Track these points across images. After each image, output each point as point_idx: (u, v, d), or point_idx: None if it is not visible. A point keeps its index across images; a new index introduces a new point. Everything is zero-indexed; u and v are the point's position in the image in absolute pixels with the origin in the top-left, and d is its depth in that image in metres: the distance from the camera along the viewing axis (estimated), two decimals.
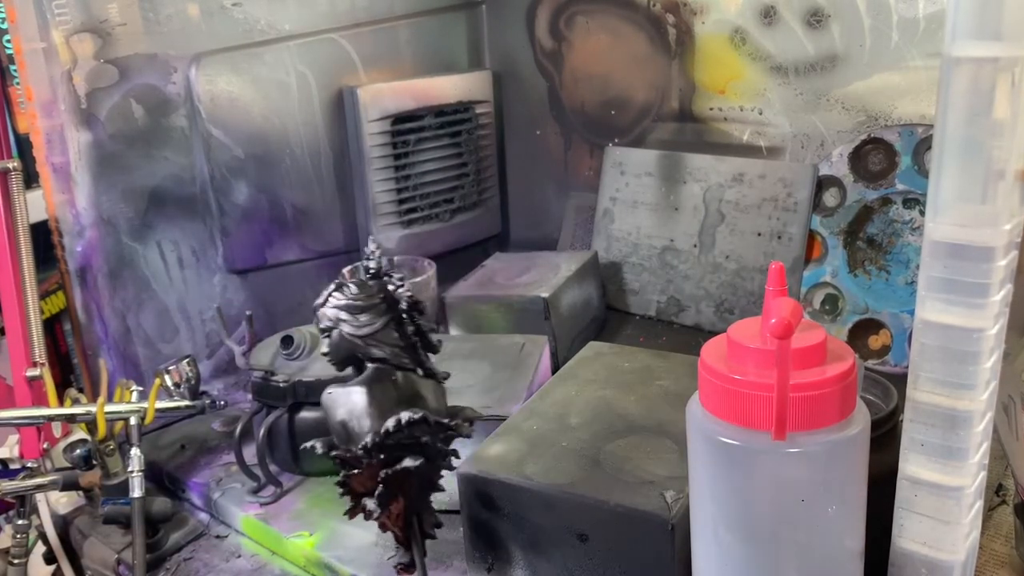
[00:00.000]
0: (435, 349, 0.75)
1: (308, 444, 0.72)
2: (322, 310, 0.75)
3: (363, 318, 0.72)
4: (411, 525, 0.76)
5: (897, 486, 0.65)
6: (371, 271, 0.75)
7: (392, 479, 0.70)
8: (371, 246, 0.76)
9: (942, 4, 1.15)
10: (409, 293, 0.73)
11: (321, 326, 0.75)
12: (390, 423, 0.68)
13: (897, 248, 1.22)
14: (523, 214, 1.72)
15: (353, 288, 0.74)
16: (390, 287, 0.73)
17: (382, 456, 0.70)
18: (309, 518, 1.04)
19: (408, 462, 0.69)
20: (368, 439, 0.69)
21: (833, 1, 1.24)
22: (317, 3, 1.40)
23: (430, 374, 0.75)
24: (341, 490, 0.73)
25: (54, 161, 1.17)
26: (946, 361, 0.58)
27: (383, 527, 0.76)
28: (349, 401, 0.72)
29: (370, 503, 0.71)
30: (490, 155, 1.63)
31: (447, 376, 0.77)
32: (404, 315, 0.73)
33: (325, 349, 0.76)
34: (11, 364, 1.13)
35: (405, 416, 0.68)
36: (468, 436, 0.76)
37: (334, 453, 0.71)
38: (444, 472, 0.76)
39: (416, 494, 0.73)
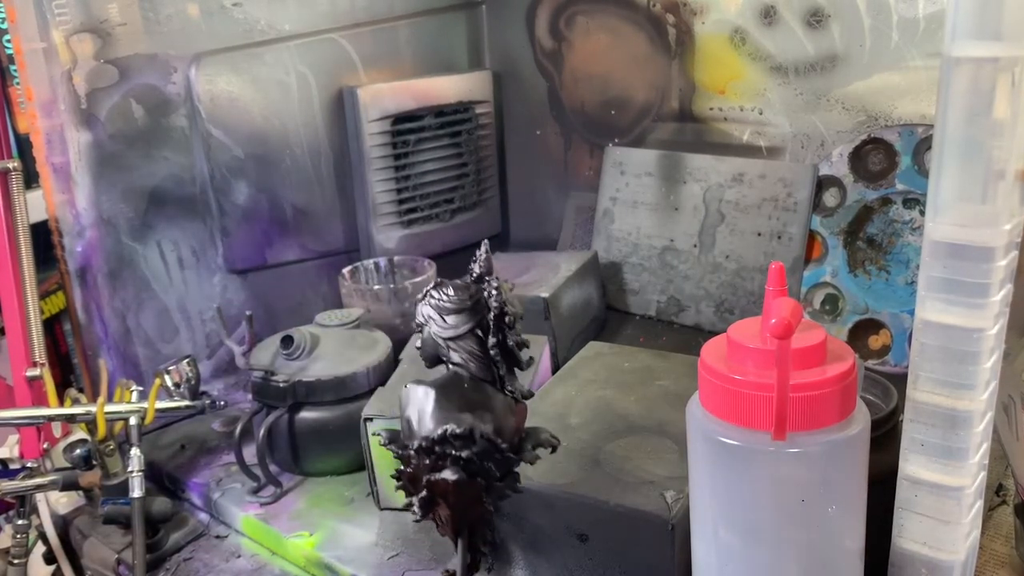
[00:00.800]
0: (520, 365, 0.73)
1: (375, 431, 0.77)
2: (418, 306, 0.74)
3: (449, 320, 0.72)
4: (461, 535, 0.74)
5: (897, 486, 0.65)
6: (474, 274, 0.74)
7: (433, 486, 0.69)
8: (481, 249, 0.74)
9: (942, 4, 1.15)
10: (501, 301, 0.72)
11: (415, 322, 0.74)
12: (437, 430, 0.67)
13: (897, 248, 1.22)
14: (523, 214, 1.72)
15: (449, 289, 0.73)
16: (484, 293, 0.72)
17: (426, 461, 0.69)
18: (309, 518, 1.04)
19: (447, 474, 0.68)
20: (417, 441, 0.69)
21: (833, 1, 1.24)
22: (317, 3, 1.40)
23: (505, 389, 0.73)
24: (397, 483, 0.73)
25: (54, 161, 1.17)
26: (946, 361, 0.58)
27: (440, 532, 0.76)
28: (418, 399, 0.71)
29: (415, 504, 0.71)
30: (490, 155, 1.63)
31: (529, 395, 0.75)
32: (491, 324, 0.72)
33: (417, 344, 0.75)
34: (11, 364, 1.13)
35: (450, 427, 0.67)
36: (531, 463, 0.74)
37: (389, 445, 0.72)
38: (507, 492, 0.74)
39: (462, 507, 0.71)
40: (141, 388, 1.09)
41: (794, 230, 1.30)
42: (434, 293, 0.73)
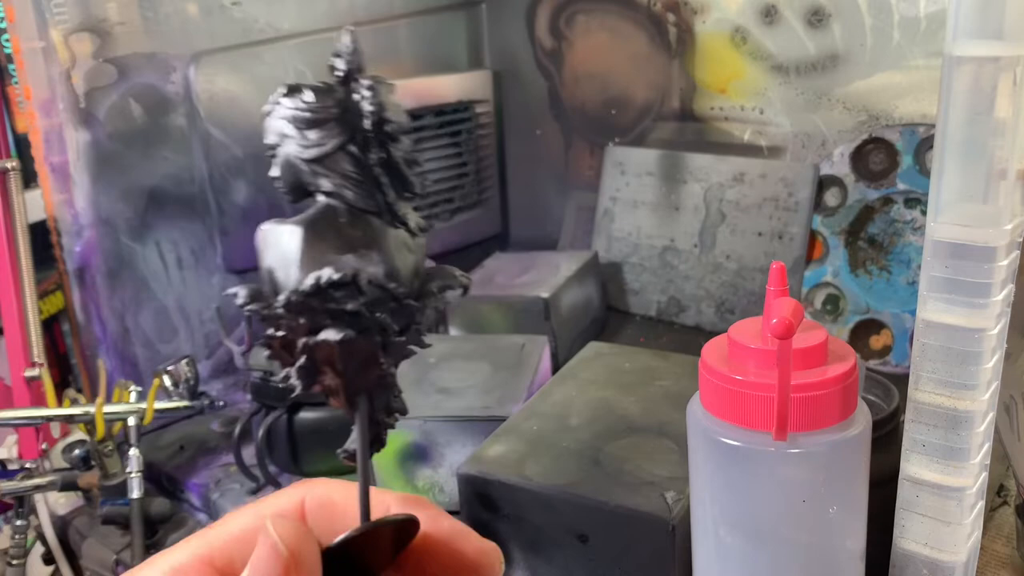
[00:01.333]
0: (411, 187, 0.57)
1: (230, 291, 0.53)
2: (267, 121, 0.54)
3: (311, 135, 0.53)
4: (357, 407, 0.57)
5: (898, 487, 0.64)
6: (340, 73, 0.54)
7: (313, 350, 0.53)
8: (346, 39, 0.54)
9: (943, 3, 1.14)
10: (377, 104, 0.53)
11: (267, 141, 0.54)
12: (308, 280, 0.51)
13: (898, 248, 1.22)
14: (523, 214, 1.71)
15: (308, 94, 0.53)
16: (355, 96, 0.54)
17: (301, 320, 0.53)
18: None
19: (330, 334, 0.52)
20: (284, 296, 0.52)
21: (834, 0, 1.23)
22: (316, 2, 1.40)
23: (396, 220, 0.56)
24: (267, 352, 0.55)
25: (52, 161, 1.17)
26: (947, 361, 0.58)
27: (331, 404, 0.58)
28: (279, 242, 0.53)
29: (292, 376, 0.54)
30: (490, 155, 1.63)
31: (425, 228, 0.58)
32: (367, 137, 0.53)
33: (274, 172, 0.55)
34: (10, 364, 1.13)
35: (325, 275, 0.51)
36: (438, 309, 0.58)
37: (250, 306, 0.54)
38: (411, 348, 0.57)
39: (354, 372, 0.55)
40: (140, 388, 1.09)
41: (795, 230, 1.29)
42: (286, 101, 0.53)
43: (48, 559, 1.13)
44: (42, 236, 1.19)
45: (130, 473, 1.03)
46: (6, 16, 1.13)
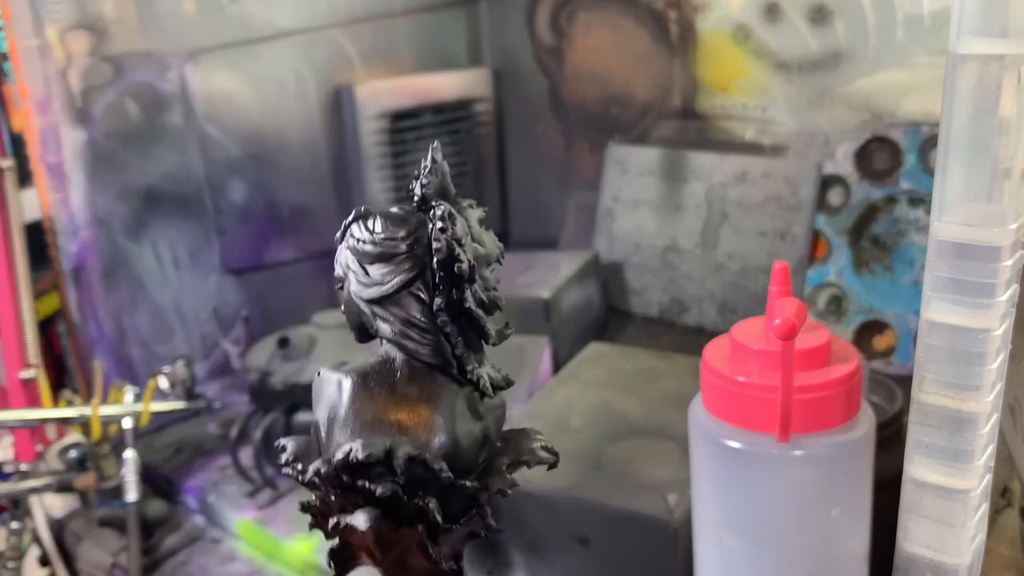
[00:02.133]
0: (486, 338, 0.49)
1: (278, 442, 0.49)
2: (339, 248, 0.50)
3: (374, 272, 0.46)
4: None
5: (902, 489, 0.64)
6: (417, 195, 0.48)
7: (344, 534, 0.47)
8: (428, 157, 0.49)
9: (947, 0, 1.14)
10: (446, 241, 0.46)
11: (336, 273, 0.50)
12: (338, 454, 0.45)
13: (902, 247, 1.21)
14: (523, 213, 1.71)
15: (376, 222, 0.47)
16: (429, 227, 0.47)
17: (332, 496, 0.47)
18: (306, 521, 1.02)
19: (357, 519, 0.45)
20: (315, 465, 0.46)
21: None
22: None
23: (464, 378, 0.48)
24: (310, 522, 0.50)
25: (48, 160, 1.17)
26: (951, 362, 0.58)
27: None
28: (329, 393, 0.47)
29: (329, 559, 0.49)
30: (490, 153, 1.62)
31: (505, 383, 0.51)
32: (436, 275, 0.46)
33: (343, 308, 0.50)
34: (5, 366, 1.13)
35: (354, 450, 0.44)
36: (504, 492, 0.49)
37: (287, 468, 0.49)
38: (472, 534, 0.50)
39: (396, 565, 0.48)
40: (136, 390, 1.09)
41: (798, 229, 1.29)
42: (355, 228, 0.48)
43: (44, 561, 1.13)
44: (38, 236, 1.19)
45: (126, 475, 1.02)
46: (2, 14, 1.12)
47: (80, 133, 1.19)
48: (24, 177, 1.19)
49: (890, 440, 0.76)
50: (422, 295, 0.47)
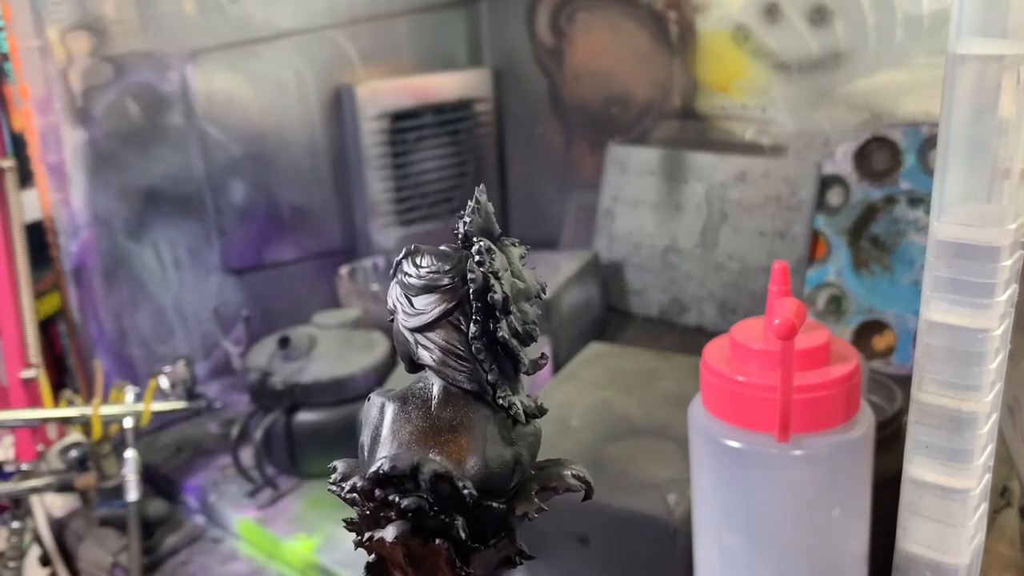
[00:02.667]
0: (522, 366, 0.50)
1: (331, 464, 0.52)
2: (391, 284, 0.53)
3: (418, 303, 0.50)
4: None
5: (901, 488, 0.64)
6: (460, 233, 0.50)
7: (376, 547, 0.49)
8: (481, 196, 0.51)
9: (947, 1, 1.14)
10: (482, 274, 0.48)
11: (387, 306, 0.52)
12: (371, 469, 0.47)
13: (902, 248, 1.21)
14: (523, 213, 1.71)
15: (424, 258, 0.50)
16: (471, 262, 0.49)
17: (367, 511, 0.49)
18: (307, 521, 1.03)
19: (386, 532, 0.47)
20: (351, 481, 0.50)
21: None
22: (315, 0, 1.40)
23: (498, 405, 0.49)
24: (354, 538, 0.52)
25: (49, 160, 1.17)
26: (951, 362, 0.58)
27: None
28: (372, 415, 0.50)
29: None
30: (490, 154, 1.62)
31: (539, 412, 0.51)
32: (473, 305, 0.49)
33: (393, 339, 0.53)
34: (6, 365, 1.13)
35: (384, 465, 0.46)
36: (530, 516, 0.50)
37: (330, 487, 0.51)
38: (507, 558, 0.51)
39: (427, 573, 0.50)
40: (137, 389, 1.09)
41: (798, 229, 1.29)
42: (405, 264, 0.51)
43: (45, 561, 1.13)
44: (38, 236, 1.19)
45: (127, 475, 1.02)
46: (3, 14, 1.12)
47: (81, 133, 1.19)
48: (25, 177, 1.19)
49: (889, 440, 0.76)
50: (460, 324, 0.49)
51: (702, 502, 0.66)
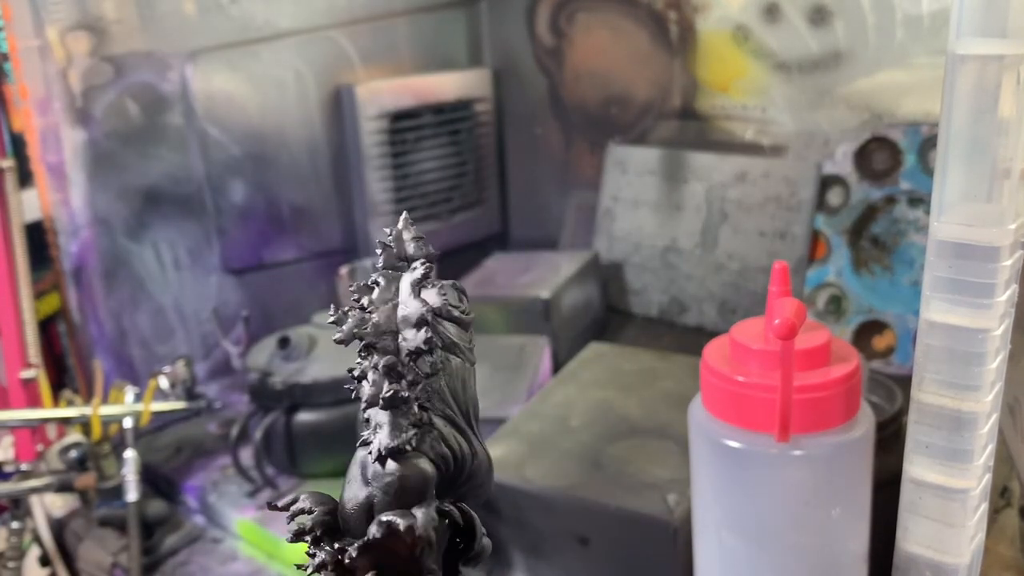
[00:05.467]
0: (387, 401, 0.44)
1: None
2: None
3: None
4: None
5: (901, 488, 0.64)
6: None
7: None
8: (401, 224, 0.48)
9: (947, 1, 1.14)
10: (375, 319, 0.45)
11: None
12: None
13: (902, 248, 1.21)
14: (523, 213, 1.71)
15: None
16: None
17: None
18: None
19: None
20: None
21: None
22: (314, 0, 1.40)
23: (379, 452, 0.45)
24: None
25: (49, 160, 1.17)
26: (951, 362, 0.58)
27: None
28: None
29: None
30: (490, 153, 1.63)
31: (394, 452, 0.44)
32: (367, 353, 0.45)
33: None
34: (6, 365, 1.13)
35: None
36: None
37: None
38: None
39: None
40: (137, 389, 1.09)
41: (798, 229, 1.29)
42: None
43: (44, 561, 1.13)
44: (38, 236, 1.19)
45: (127, 475, 1.02)
46: (2, 14, 1.12)
47: (80, 133, 1.19)
48: (25, 177, 1.19)
49: (889, 440, 0.76)
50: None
51: (702, 502, 0.66)
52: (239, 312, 1.16)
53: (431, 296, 0.46)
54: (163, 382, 1.10)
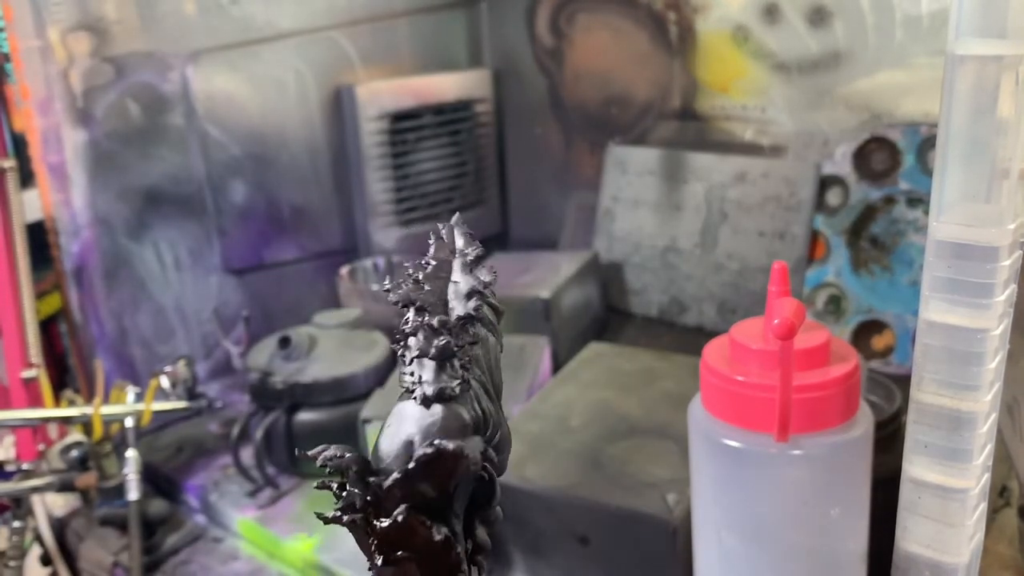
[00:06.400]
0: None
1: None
2: None
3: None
4: None
5: (900, 488, 0.64)
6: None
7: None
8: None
9: (946, 1, 1.14)
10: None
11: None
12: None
13: (901, 248, 1.21)
14: (523, 213, 1.71)
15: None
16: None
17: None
18: (307, 520, 1.03)
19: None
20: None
21: None
22: (315, 0, 1.40)
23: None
24: None
25: (50, 160, 1.17)
26: (950, 362, 0.58)
27: None
28: None
29: None
30: (490, 154, 1.63)
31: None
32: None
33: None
34: (7, 365, 1.13)
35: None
36: None
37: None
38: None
39: None
40: (138, 389, 1.09)
41: (797, 229, 1.29)
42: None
43: (45, 560, 1.13)
44: (39, 236, 1.19)
45: (128, 474, 1.03)
46: (4, 15, 1.12)
47: (81, 133, 1.19)
48: (26, 177, 1.19)
49: (889, 439, 0.76)
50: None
51: (702, 502, 0.66)
52: (240, 312, 1.16)
53: (482, 273, 0.51)
54: (164, 382, 1.10)
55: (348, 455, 0.46)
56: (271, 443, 1.09)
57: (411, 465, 0.45)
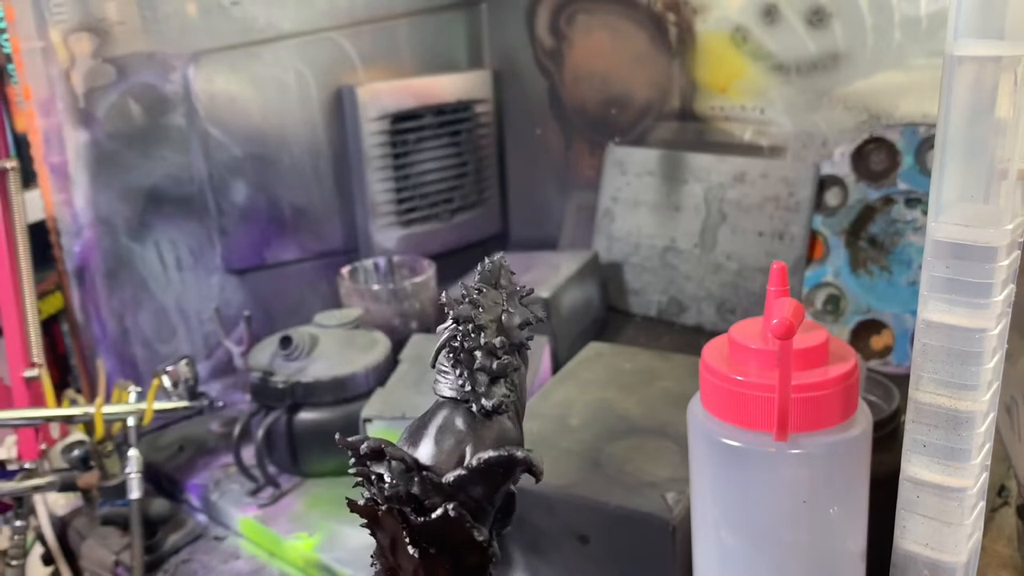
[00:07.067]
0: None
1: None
2: None
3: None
4: None
5: (899, 487, 0.64)
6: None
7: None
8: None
9: (944, 2, 1.14)
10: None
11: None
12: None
13: (899, 248, 1.22)
14: (523, 213, 1.71)
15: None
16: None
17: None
18: (308, 520, 1.03)
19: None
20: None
21: None
22: (316, 1, 1.40)
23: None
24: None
25: (52, 160, 1.17)
26: (948, 362, 0.58)
27: None
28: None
29: None
30: (490, 154, 1.63)
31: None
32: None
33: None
34: (9, 365, 1.13)
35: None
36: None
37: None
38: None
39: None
40: (139, 389, 1.09)
41: (796, 230, 1.29)
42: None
43: (47, 560, 1.13)
44: (41, 236, 1.19)
45: (129, 474, 1.03)
46: (5, 16, 1.13)
47: (83, 134, 1.19)
48: (28, 178, 1.19)
49: (887, 439, 0.76)
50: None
51: (701, 501, 0.66)
52: (241, 312, 1.16)
53: (536, 309, 0.61)
54: (166, 381, 1.10)
55: (393, 448, 0.50)
56: (272, 442, 1.09)
57: (476, 463, 0.48)
